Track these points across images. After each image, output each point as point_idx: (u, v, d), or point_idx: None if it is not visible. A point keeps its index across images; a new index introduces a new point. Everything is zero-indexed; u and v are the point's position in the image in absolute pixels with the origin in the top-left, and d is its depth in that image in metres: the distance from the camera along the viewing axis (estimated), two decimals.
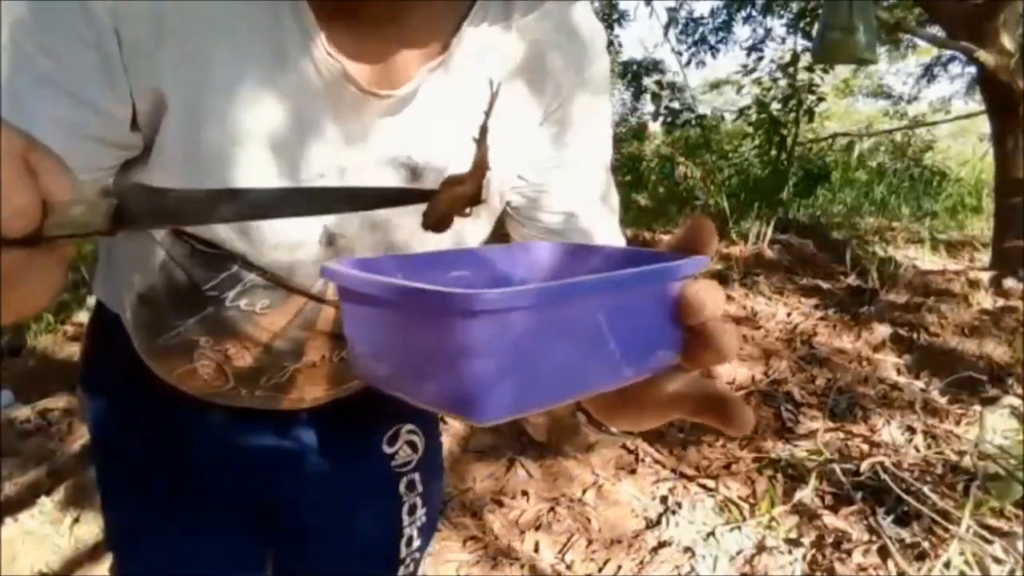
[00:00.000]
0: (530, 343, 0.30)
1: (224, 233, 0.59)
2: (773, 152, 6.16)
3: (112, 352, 0.77)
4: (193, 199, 0.38)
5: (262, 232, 0.58)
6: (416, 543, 0.88)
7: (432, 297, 0.30)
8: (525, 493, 2.13)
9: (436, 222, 0.41)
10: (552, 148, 0.65)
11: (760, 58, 6.75)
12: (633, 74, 7.28)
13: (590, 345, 0.33)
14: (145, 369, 0.74)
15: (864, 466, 2.08)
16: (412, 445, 0.86)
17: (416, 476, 0.86)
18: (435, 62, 0.56)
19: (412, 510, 0.86)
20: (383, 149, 0.58)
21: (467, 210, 0.42)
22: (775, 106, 6.25)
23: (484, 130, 0.40)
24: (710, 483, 2.15)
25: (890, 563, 1.77)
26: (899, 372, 2.82)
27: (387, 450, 0.84)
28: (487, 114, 0.40)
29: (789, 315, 3.43)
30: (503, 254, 0.46)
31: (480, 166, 0.41)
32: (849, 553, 1.81)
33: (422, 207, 0.61)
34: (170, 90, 0.52)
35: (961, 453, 2.13)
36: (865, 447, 2.28)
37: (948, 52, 7.26)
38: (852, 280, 3.85)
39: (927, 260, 4.24)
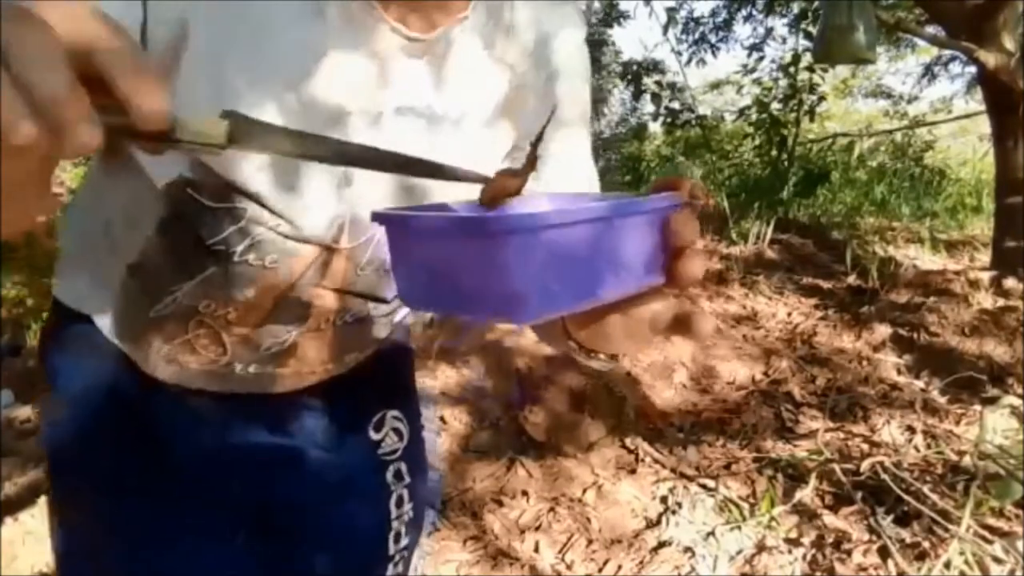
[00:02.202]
0: (557, 256, 0.38)
1: (246, 173, 0.58)
2: (773, 152, 6.16)
3: (77, 359, 0.74)
4: (291, 134, 0.41)
5: (297, 171, 0.59)
6: (404, 541, 0.87)
7: (487, 221, 0.39)
8: (525, 493, 2.13)
9: (489, 201, 0.48)
10: (540, 107, 0.69)
11: (761, 58, 6.74)
12: (633, 74, 7.26)
13: (599, 260, 0.41)
14: (118, 369, 0.71)
15: (864, 466, 2.08)
16: (398, 432, 0.85)
17: (403, 466, 0.85)
18: (460, 16, 0.60)
19: (400, 502, 0.85)
20: (405, 95, 0.61)
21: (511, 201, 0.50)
22: (775, 106, 6.25)
23: (539, 138, 0.47)
24: (710, 483, 2.15)
25: (890, 563, 1.77)
26: (899, 372, 2.82)
27: (374, 436, 0.83)
28: (544, 127, 0.49)
29: (789, 315, 3.43)
30: (518, 203, 0.53)
31: (529, 168, 0.47)
32: (849, 553, 1.81)
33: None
34: (196, 23, 0.53)
35: (961, 453, 2.13)
36: (865, 447, 2.28)
37: (948, 52, 7.25)
38: (852, 280, 3.85)
39: (927, 260, 4.24)
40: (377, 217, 0.44)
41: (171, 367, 0.71)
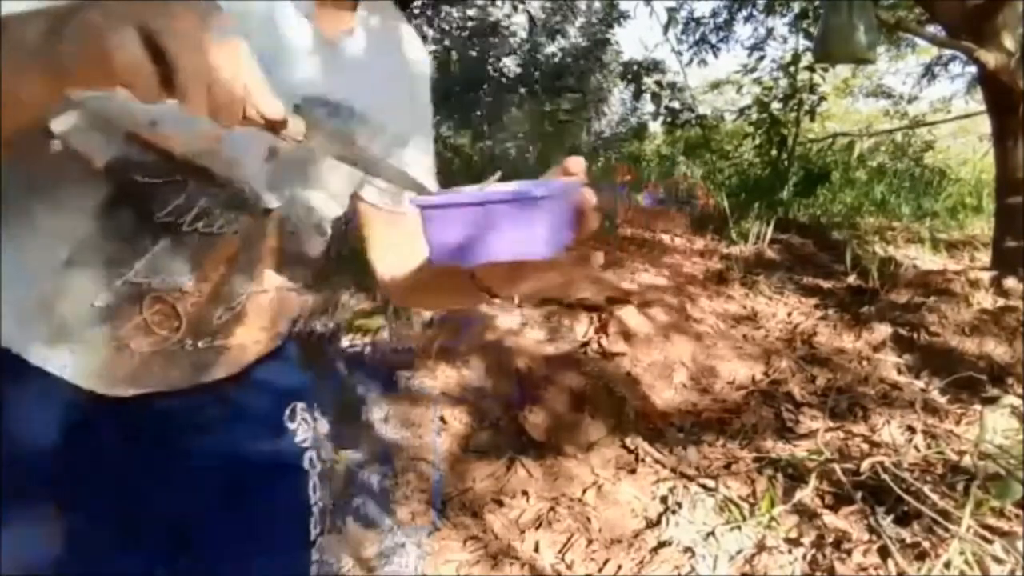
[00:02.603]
0: (551, 216, 0.56)
1: (185, 147, 0.65)
2: (773, 152, 6.16)
3: None
4: (332, 136, 0.57)
5: (231, 144, 0.67)
6: (318, 528, 0.89)
7: (525, 194, 0.56)
8: (525, 493, 2.13)
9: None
10: (410, 119, 0.85)
11: (761, 58, 6.75)
12: (633, 74, 7.26)
13: (566, 218, 0.60)
14: (34, 391, 0.69)
15: (864, 466, 2.08)
16: (306, 422, 0.89)
17: (314, 454, 0.89)
18: (348, 27, 0.75)
19: (315, 488, 0.89)
20: (317, 86, 0.71)
21: None
22: (775, 106, 6.25)
23: (489, 183, 0.63)
24: (710, 483, 2.15)
25: (890, 563, 1.77)
26: (899, 372, 2.82)
27: (290, 426, 0.87)
28: (490, 180, 0.63)
29: (789, 315, 3.43)
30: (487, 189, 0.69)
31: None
32: (849, 553, 1.81)
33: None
34: None
35: (961, 453, 2.13)
36: (865, 447, 2.28)
37: (948, 52, 7.25)
38: (852, 280, 3.85)
39: (927, 260, 4.24)
40: (420, 203, 0.59)
41: (106, 373, 0.70)
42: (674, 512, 2.02)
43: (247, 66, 0.49)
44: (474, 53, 9.01)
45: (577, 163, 0.61)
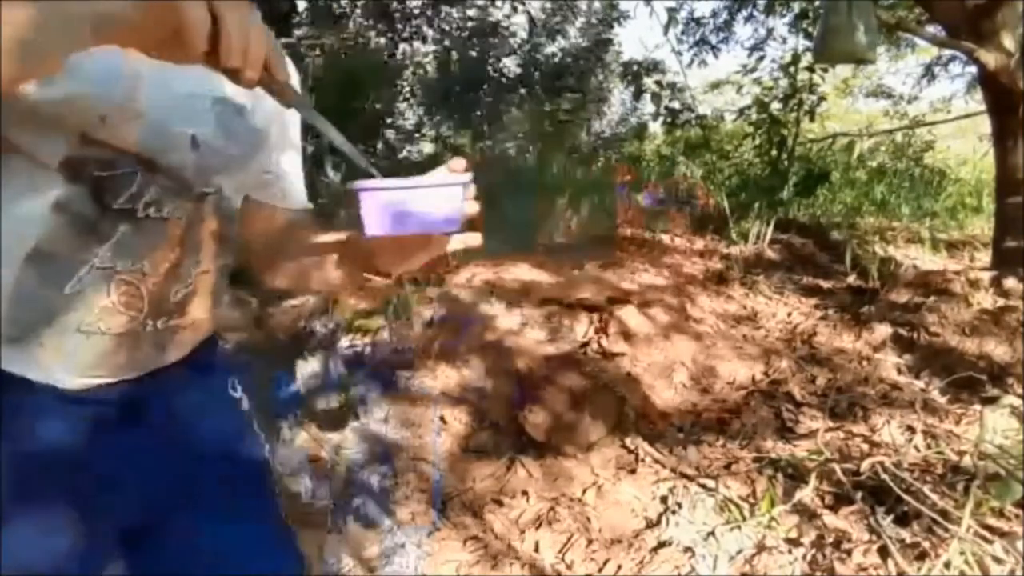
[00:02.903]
0: (451, 200, 0.74)
1: (140, 137, 0.72)
2: (773, 152, 6.15)
3: None
4: (306, 108, 0.70)
5: (166, 135, 0.73)
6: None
7: (448, 180, 0.74)
8: (525, 493, 2.13)
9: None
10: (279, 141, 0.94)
11: (761, 58, 6.74)
12: (633, 74, 7.26)
13: (456, 205, 0.74)
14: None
15: (864, 466, 2.08)
16: (243, 393, 0.97)
17: (255, 421, 0.98)
18: None
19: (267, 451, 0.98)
20: (211, 84, 0.77)
21: None
22: (775, 106, 6.24)
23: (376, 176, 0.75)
24: (710, 483, 2.14)
25: (890, 563, 1.77)
26: (899, 372, 2.82)
27: (235, 395, 0.96)
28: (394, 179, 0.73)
29: (789, 315, 3.43)
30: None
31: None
32: (849, 553, 1.81)
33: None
34: None
35: (961, 453, 2.13)
36: (865, 447, 2.28)
37: (948, 52, 7.25)
38: (852, 280, 3.85)
39: (927, 260, 4.24)
40: (353, 187, 0.71)
41: (77, 361, 0.75)
42: (674, 512, 2.02)
43: (269, 42, 0.62)
44: (474, 53, 9.01)
45: (460, 162, 0.76)
